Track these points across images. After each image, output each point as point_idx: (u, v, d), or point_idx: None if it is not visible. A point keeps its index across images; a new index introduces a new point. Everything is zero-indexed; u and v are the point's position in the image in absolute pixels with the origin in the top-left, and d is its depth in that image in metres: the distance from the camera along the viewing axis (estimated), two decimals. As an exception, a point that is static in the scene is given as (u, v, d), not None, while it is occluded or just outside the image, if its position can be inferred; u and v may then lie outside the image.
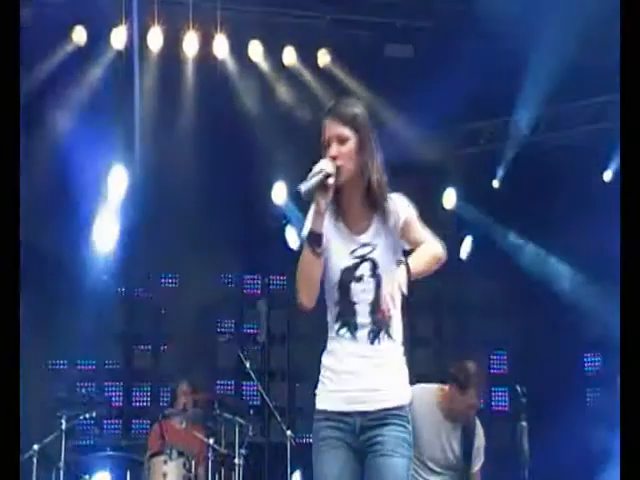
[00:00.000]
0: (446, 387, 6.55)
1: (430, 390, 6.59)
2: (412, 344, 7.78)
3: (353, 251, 4.15)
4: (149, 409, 10.53)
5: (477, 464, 6.62)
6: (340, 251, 4.16)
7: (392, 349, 4.17)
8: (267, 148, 9.99)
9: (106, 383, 10.80)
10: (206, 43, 9.64)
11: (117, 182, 10.20)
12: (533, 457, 6.44)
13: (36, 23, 9.01)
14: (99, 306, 10.88)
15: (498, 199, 11.22)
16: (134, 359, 11.20)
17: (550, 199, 10.44)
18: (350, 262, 4.15)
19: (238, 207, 10.45)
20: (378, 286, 4.12)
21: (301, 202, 4.08)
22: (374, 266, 4.15)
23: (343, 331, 4.16)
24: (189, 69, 9.84)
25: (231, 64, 9.88)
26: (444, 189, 11.24)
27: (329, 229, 4.15)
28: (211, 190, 10.31)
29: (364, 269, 4.15)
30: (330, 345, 4.21)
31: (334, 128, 4.16)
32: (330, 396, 4.19)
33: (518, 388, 6.53)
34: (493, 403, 11.69)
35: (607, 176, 10.22)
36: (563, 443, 9.96)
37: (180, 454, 8.21)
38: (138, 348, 11.18)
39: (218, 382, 10.97)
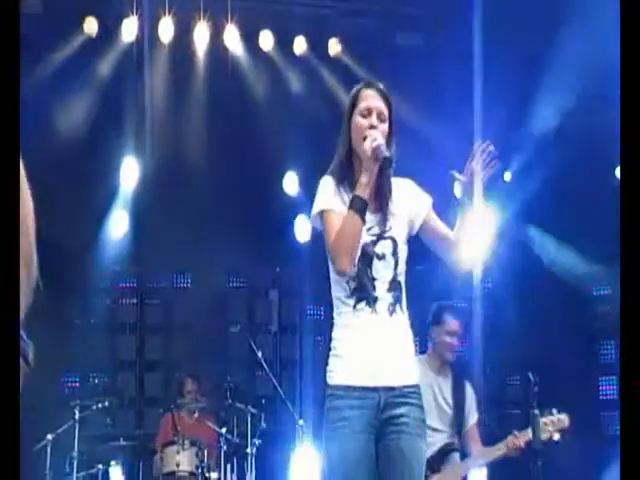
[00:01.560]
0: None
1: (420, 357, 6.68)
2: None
3: (370, 228, 4.14)
4: (161, 399, 10.55)
5: (472, 419, 6.85)
6: None
7: (405, 321, 4.18)
8: (278, 138, 9.98)
9: (119, 373, 10.82)
10: (217, 33, 9.65)
11: (128, 174, 10.22)
12: (545, 445, 6.46)
13: (47, 13, 9.03)
14: (111, 297, 10.93)
15: (509, 190, 11.21)
16: (146, 349, 11.22)
17: (561, 190, 10.41)
18: (368, 239, 4.14)
19: (249, 197, 10.44)
20: (397, 264, 4.17)
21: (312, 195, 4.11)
22: (395, 245, 4.19)
23: (361, 305, 4.11)
24: (200, 59, 9.83)
25: (242, 54, 9.87)
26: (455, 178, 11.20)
27: (345, 204, 4.10)
28: (222, 181, 10.31)
29: (386, 247, 4.17)
30: (344, 319, 4.15)
31: (376, 101, 4.23)
32: (352, 371, 4.06)
33: (530, 376, 6.57)
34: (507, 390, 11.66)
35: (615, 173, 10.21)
36: (576, 430, 9.95)
37: (192, 444, 8.23)
38: (150, 338, 11.20)
39: (230, 372, 10.99)
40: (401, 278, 4.17)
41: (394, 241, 4.19)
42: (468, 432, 6.86)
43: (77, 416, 8.24)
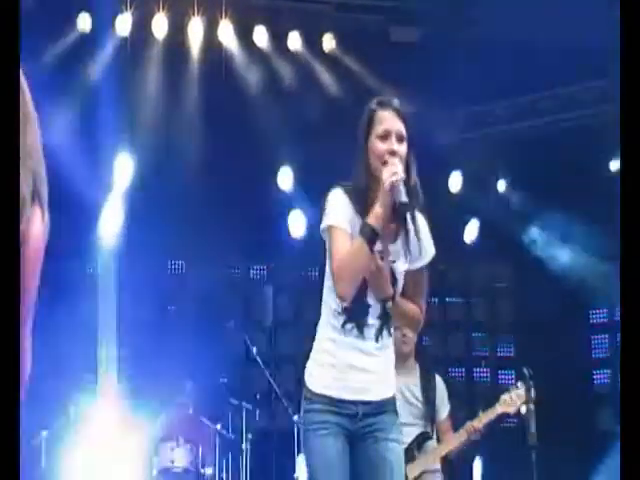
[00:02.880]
0: None
1: None
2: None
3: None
4: (158, 396, 10.55)
5: (444, 411, 7.04)
6: None
7: (390, 344, 4.32)
8: (272, 134, 9.97)
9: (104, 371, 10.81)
10: (211, 29, 9.64)
11: (122, 170, 10.21)
12: (540, 439, 6.51)
13: (41, 10, 9.01)
14: (103, 293, 10.91)
15: (505, 184, 11.25)
16: (142, 344, 11.20)
17: (557, 182, 10.41)
18: None
19: (243, 193, 10.43)
20: (393, 295, 4.21)
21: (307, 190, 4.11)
22: (394, 275, 4.23)
23: (349, 326, 4.22)
24: (194, 55, 9.81)
25: (236, 50, 9.85)
26: (450, 172, 11.22)
27: (355, 226, 4.10)
28: (216, 176, 10.30)
29: None
30: (330, 333, 4.26)
31: (394, 123, 4.15)
32: (333, 384, 4.24)
33: (525, 371, 6.69)
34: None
35: (614, 165, 10.22)
36: (570, 425, 9.98)
37: (187, 440, 8.24)
38: (145, 334, 11.18)
39: (224, 368, 10.98)
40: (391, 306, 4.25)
41: (393, 271, 4.23)
42: (441, 423, 7.05)
43: (72, 414, 8.25)
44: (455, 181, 11.22)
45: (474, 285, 12.28)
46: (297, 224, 10.78)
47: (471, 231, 11.27)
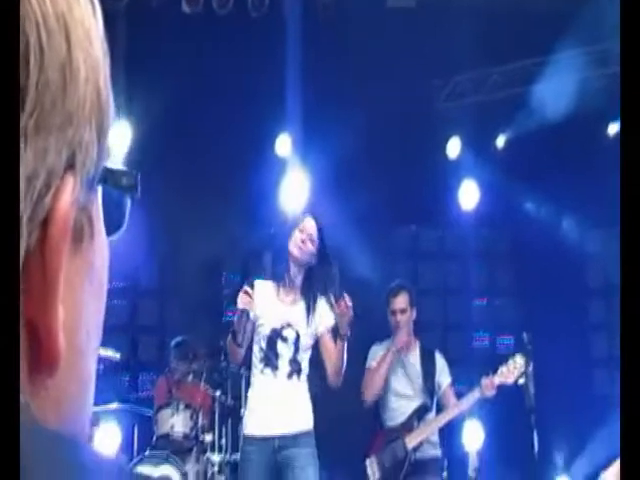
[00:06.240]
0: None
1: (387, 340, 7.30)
2: (417, 293, 7.83)
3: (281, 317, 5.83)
4: (155, 363, 10.58)
5: (445, 382, 7.23)
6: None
7: (302, 385, 5.78)
8: (272, 99, 9.92)
9: (112, 337, 10.83)
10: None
11: (120, 136, 10.17)
12: (538, 402, 6.55)
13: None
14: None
15: (503, 149, 11.23)
16: (139, 312, 11.24)
17: (555, 148, 10.40)
18: (278, 324, 5.79)
19: (243, 158, 10.40)
20: (297, 349, 5.77)
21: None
22: (297, 334, 5.77)
23: (268, 370, 5.77)
24: (191, 19, 9.74)
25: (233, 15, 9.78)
26: (448, 138, 11.21)
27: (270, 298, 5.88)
28: (215, 141, 10.28)
29: (289, 334, 5.78)
30: (254, 379, 5.88)
31: None
32: (254, 422, 5.71)
33: (524, 336, 6.73)
34: (498, 352, 11.72)
35: (612, 129, 10.22)
36: (568, 388, 10.03)
37: (186, 406, 8.27)
38: (144, 301, 11.21)
39: (223, 334, 11.00)
40: (301, 357, 5.79)
41: (297, 332, 5.78)
42: (443, 394, 7.21)
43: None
44: (453, 146, 11.22)
45: (472, 250, 12.29)
46: (296, 190, 10.75)
47: (469, 196, 11.26)
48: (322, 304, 5.89)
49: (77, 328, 0.71)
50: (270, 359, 5.75)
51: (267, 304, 5.83)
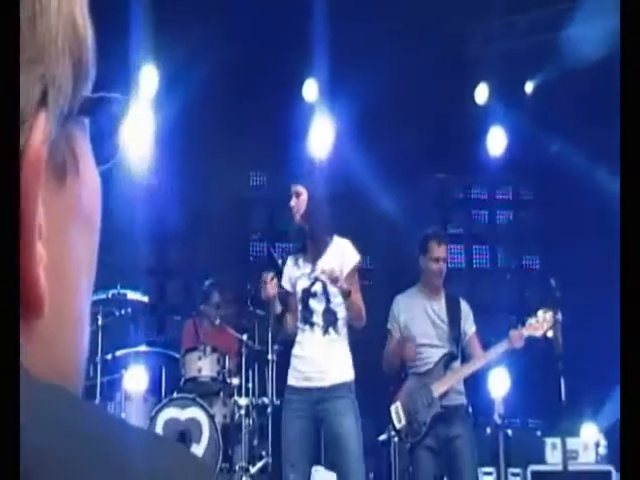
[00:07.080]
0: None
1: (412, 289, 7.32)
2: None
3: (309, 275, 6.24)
4: (183, 306, 10.64)
5: (470, 330, 7.18)
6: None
7: (339, 338, 6.16)
8: (299, 45, 9.86)
9: (140, 280, 10.88)
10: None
11: (148, 79, 10.15)
12: (566, 349, 6.56)
13: None
14: (130, 203, 10.92)
15: (531, 95, 11.15)
16: (167, 257, 11.29)
17: (584, 95, 10.31)
18: (307, 283, 6.21)
19: (270, 104, 10.36)
20: (328, 300, 6.15)
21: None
22: (323, 285, 6.13)
23: (307, 327, 6.18)
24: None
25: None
26: (476, 84, 11.14)
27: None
28: (243, 87, 10.26)
29: (317, 287, 6.17)
30: (297, 338, 6.33)
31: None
32: (296, 375, 6.18)
33: (552, 282, 6.72)
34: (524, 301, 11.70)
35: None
36: (595, 334, 10.03)
37: (214, 350, 8.32)
38: (172, 245, 11.26)
39: (251, 279, 11.04)
40: (334, 305, 6.14)
41: (324, 284, 6.13)
42: (469, 341, 7.16)
43: (100, 322, 8.32)
44: (481, 92, 11.15)
45: (498, 198, 12.25)
46: (322, 136, 10.72)
47: (497, 143, 11.21)
48: (337, 244, 6.30)
49: (65, 266, 0.68)
50: (306, 317, 6.21)
51: (292, 275, 6.39)
